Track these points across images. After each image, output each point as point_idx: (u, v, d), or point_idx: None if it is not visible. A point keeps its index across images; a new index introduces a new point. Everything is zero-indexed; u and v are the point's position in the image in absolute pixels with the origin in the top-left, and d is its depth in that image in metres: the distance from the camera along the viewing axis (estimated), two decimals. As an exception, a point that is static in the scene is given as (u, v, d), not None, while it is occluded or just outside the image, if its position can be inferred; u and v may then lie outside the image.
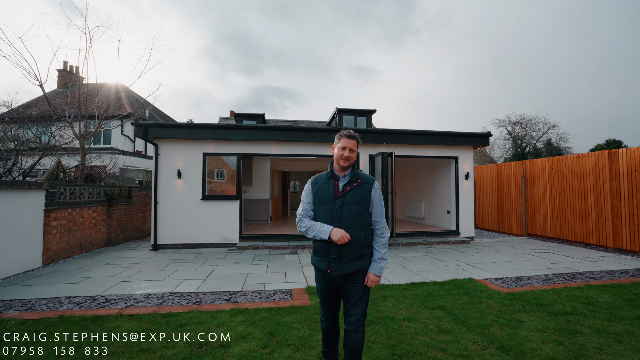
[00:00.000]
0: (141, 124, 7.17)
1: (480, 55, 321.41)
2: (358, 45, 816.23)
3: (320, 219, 2.00)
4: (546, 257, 6.26)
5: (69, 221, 6.38)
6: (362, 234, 1.96)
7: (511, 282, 4.51)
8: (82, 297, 3.94)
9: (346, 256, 1.93)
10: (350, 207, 1.95)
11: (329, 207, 1.97)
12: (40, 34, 28.48)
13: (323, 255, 1.99)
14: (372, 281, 1.96)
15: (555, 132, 24.88)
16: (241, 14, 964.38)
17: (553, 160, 8.41)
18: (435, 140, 8.47)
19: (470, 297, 3.85)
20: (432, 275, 4.95)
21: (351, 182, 2.02)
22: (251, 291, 4.22)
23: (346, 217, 1.94)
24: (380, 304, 3.67)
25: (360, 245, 1.94)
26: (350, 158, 2.01)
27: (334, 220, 1.94)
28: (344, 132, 2.06)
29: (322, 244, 1.97)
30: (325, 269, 1.98)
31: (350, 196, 1.98)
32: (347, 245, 1.91)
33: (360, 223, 1.96)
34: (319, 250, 2.01)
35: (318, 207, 2.03)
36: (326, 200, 2.00)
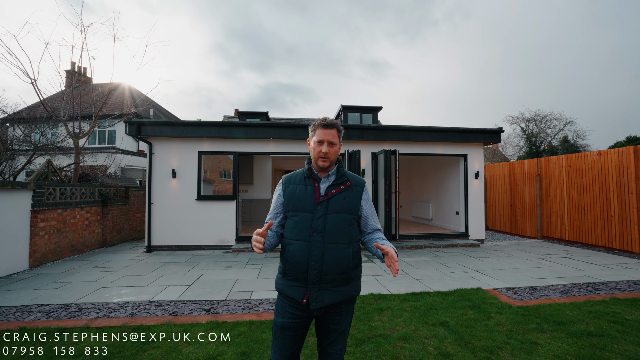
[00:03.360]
0: (134, 122, 6.94)
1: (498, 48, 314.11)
2: (372, 38, 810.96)
3: (293, 232, 1.54)
4: (564, 263, 5.73)
5: (58, 222, 6.18)
6: (350, 252, 1.54)
7: (524, 293, 4.04)
8: (54, 306, 3.68)
9: (330, 280, 1.49)
10: (336, 217, 1.53)
11: (307, 217, 1.53)
12: (35, 31, 28.72)
13: (297, 278, 1.51)
14: (395, 257, 1.42)
15: (572, 129, 23.84)
16: (252, 7, 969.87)
17: (571, 157, 7.82)
18: (442, 137, 7.98)
19: (477, 311, 3.42)
20: (436, 284, 4.52)
21: (337, 183, 1.59)
22: (236, 300, 3.89)
23: (331, 228, 1.51)
24: (374, 318, 3.28)
25: (348, 267, 1.52)
26: (330, 155, 1.57)
27: (315, 233, 1.50)
28: (318, 121, 1.60)
29: (296, 262, 1.51)
30: (299, 298, 1.50)
31: (336, 202, 1.55)
32: (331, 265, 1.48)
33: (349, 237, 1.55)
34: (291, 271, 1.52)
35: (292, 215, 1.57)
36: (303, 206, 1.55)
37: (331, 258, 1.50)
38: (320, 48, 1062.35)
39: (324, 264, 1.49)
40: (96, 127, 14.27)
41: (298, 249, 1.52)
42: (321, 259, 1.49)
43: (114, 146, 13.22)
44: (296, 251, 1.52)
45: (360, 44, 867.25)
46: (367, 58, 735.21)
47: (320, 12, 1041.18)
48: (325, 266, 1.49)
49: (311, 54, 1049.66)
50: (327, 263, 1.49)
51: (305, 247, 1.50)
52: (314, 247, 1.50)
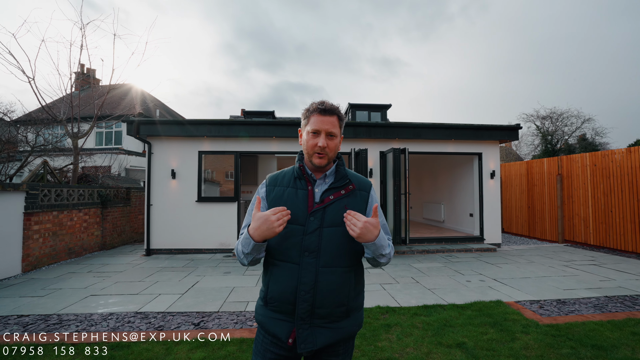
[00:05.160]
0: (132, 121, 6.71)
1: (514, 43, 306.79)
2: (384, 34, 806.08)
3: (277, 250, 1.17)
4: (592, 271, 5.22)
5: (54, 225, 5.98)
6: (352, 276, 1.19)
7: (552, 308, 3.59)
8: (34, 317, 3.41)
9: (325, 315, 1.13)
10: (335, 231, 1.16)
11: (297, 230, 1.16)
12: (35, 30, 28.90)
13: (281, 310, 1.15)
14: (361, 228, 1.06)
15: (591, 126, 22.77)
16: (261, 5, 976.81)
17: (596, 155, 7.24)
18: (455, 135, 7.51)
19: (499, 329, 3.00)
20: (451, 295, 4.09)
21: (336, 187, 1.22)
22: (229, 312, 3.56)
23: (327, 247, 1.14)
24: (381, 336, 2.89)
25: (348, 295, 1.17)
26: (329, 149, 1.19)
27: (307, 253, 1.13)
28: (314, 105, 1.21)
29: (281, 290, 1.14)
30: (283, 337, 1.14)
31: (335, 211, 1.18)
32: (326, 296, 1.13)
33: (350, 258, 1.18)
34: (275, 300, 1.16)
35: None
36: (292, 216, 1.16)
37: (327, 286, 1.13)
38: (330, 46, 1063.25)
39: (317, 294, 1.12)
40: (103, 129, 14.26)
41: (283, 274, 1.15)
42: (314, 287, 1.12)
43: (118, 147, 13.15)
44: (281, 276, 1.16)
45: (371, 41, 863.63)
46: (378, 55, 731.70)
47: (331, 9, 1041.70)
48: (319, 297, 1.12)
49: (321, 52, 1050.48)
50: (322, 293, 1.12)
51: (293, 272, 1.14)
52: (305, 272, 1.13)
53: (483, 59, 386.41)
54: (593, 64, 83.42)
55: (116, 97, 15.71)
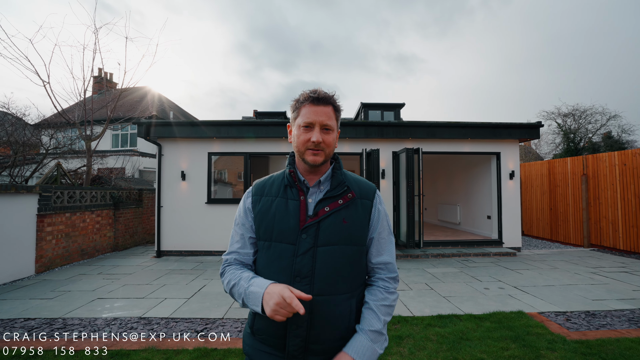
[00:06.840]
0: (142, 123, 6.74)
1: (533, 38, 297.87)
2: (401, 30, 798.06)
3: (266, 271, 1.01)
4: (623, 279, 4.83)
5: (67, 226, 6.06)
6: (354, 303, 1.01)
7: (580, 321, 3.30)
8: (40, 320, 3.40)
9: (321, 351, 0.96)
10: (331, 251, 0.98)
11: (287, 250, 0.98)
12: (51, 35, 29.87)
13: (271, 343, 0.99)
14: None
15: (617, 124, 21.56)
16: (275, 3, 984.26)
17: (626, 154, 6.77)
18: (472, 134, 7.19)
19: (521, 345, 2.75)
20: (468, 303, 3.85)
21: (333, 196, 1.02)
22: (233, 319, 3.44)
23: (322, 271, 0.96)
24: (392, 349, 2.70)
25: (348, 327, 0.99)
26: (325, 145, 1.01)
27: (298, 278, 0.96)
28: (305, 94, 1.02)
29: (269, 322, 0.98)
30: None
31: (332, 226, 0.99)
32: (323, 329, 0.96)
33: (350, 283, 1.00)
34: (263, 332, 1.01)
35: (264, 247, 1.03)
36: (281, 233, 1.00)
37: (324, 318, 0.95)
38: (345, 43, 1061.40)
39: (311, 328, 0.95)
40: (119, 131, 14.56)
41: None
42: (308, 320, 0.95)
43: (132, 149, 13.38)
44: None
45: (387, 37, 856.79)
46: (394, 52, 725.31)
47: (346, 5, 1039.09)
48: (313, 332, 0.95)
49: (336, 50, 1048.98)
50: (318, 326, 0.95)
51: None
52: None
53: (500, 54, 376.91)
54: (619, 58, 79.53)
55: (133, 100, 16.05)
